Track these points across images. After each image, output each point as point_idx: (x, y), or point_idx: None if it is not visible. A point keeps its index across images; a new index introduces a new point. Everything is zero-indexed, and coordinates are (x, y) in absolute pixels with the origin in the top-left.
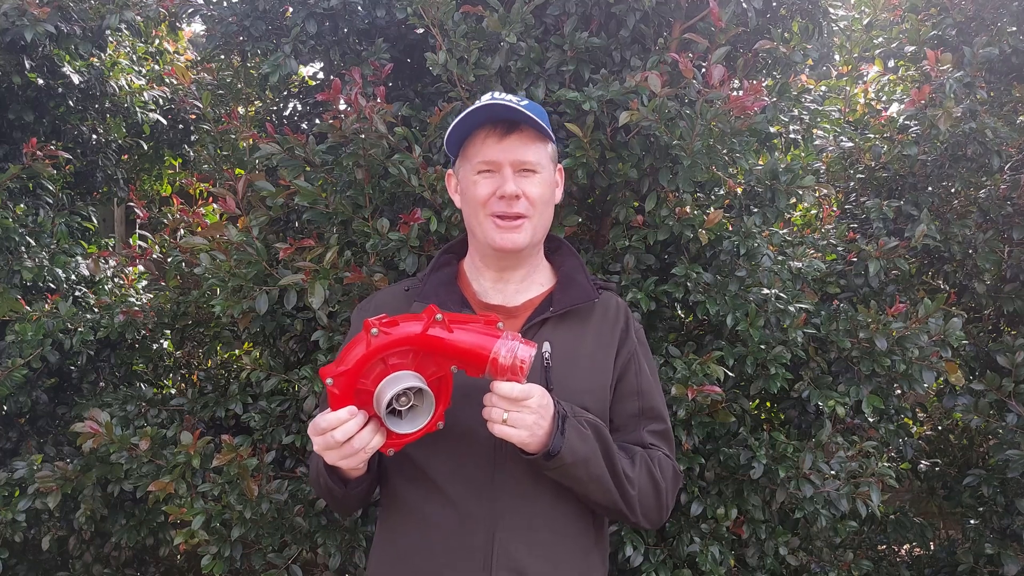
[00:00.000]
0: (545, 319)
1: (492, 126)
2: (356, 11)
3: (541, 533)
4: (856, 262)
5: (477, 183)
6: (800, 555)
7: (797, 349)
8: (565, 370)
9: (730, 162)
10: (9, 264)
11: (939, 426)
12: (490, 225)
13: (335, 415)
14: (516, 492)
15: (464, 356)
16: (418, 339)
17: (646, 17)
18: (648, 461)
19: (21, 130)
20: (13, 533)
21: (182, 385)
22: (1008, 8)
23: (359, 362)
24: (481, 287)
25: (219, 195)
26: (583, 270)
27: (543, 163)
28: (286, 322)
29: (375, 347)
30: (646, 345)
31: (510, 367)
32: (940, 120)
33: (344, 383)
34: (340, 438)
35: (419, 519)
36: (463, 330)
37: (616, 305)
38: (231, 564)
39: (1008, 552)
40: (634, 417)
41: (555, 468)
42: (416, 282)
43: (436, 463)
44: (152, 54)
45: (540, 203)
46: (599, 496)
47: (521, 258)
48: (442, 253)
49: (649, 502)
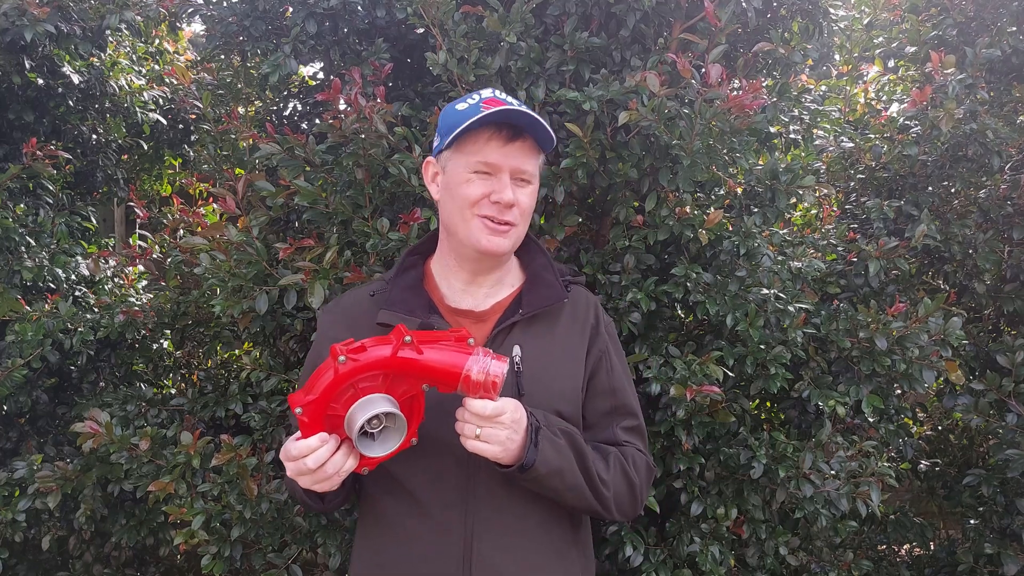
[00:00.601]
0: (514, 323)
1: (497, 128)
2: (356, 11)
3: (518, 539)
4: (856, 262)
5: (471, 182)
6: (800, 555)
7: (797, 349)
8: (536, 374)
9: (730, 162)
10: (9, 264)
11: (939, 426)
12: (478, 225)
13: (306, 443)
14: (492, 501)
15: (436, 375)
16: (388, 362)
17: (646, 17)
18: (622, 460)
19: (21, 130)
20: (13, 533)
21: (182, 385)
22: (1008, 8)
23: (326, 390)
24: (451, 289)
25: (219, 195)
26: (551, 268)
27: (536, 174)
28: (286, 322)
29: (343, 374)
30: (616, 339)
31: (483, 384)
32: (942, 121)
33: (313, 411)
34: (312, 465)
35: (397, 530)
36: (433, 349)
37: (586, 301)
38: (231, 564)
39: (1008, 552)
40: (606, 415)
41: (530, 480)
42: (381, 285)
43: (412, 474)
44: (152, 54)
45: (528, 213)
46: (575, 502)
47: (497, 262)
48: (408, 254)
49: (623, 500)
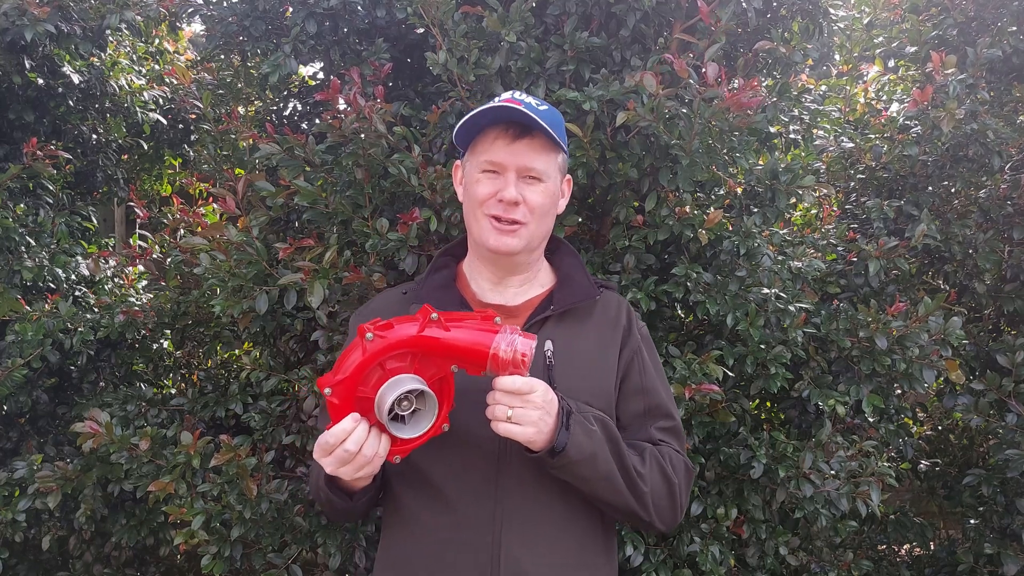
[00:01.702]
0: (546, 318)
1: (505, 127)
2: (356, 11)
3: (546, 537)
4: (856, 262)
5: (480, 181)
6: (800, 555)
7: (797, 349)
8: (568, 368)
9: (730, 162)
10: (9, 264)
11: (939, 426)
12: (487, 225)
13: (340, 427)
14: (520, 495)
15: (463, 354)
16: (415, 341)
17: (646, 17)
18: (659, 457)
19: (21, 130)
20: (13, 533)
21: (182, 385)
22: (1009, 8)
23: (357, 369)
24: (480, 288)
25: (219, 195)
26: (582, 268)
27: (550, 173)
28: (286, 322)
29: (371, 352)
30: (651, 342)
31: (511, 361)
32: (943, 121)
33: (343, 392)
34: (353, 448)
35: (422, 525)
36: (460, 328)
37: (617, 304)
38: (231, 564)
39: (1008, 552)
40: (640, 416)
41: (561, 466)
42: (414, 285)
43: (439, 468)
44: (152, 54)
45: (539, 212)
46: (609, 495)
47: (516, 263)
48: (440, 255)
49: (662, 501)
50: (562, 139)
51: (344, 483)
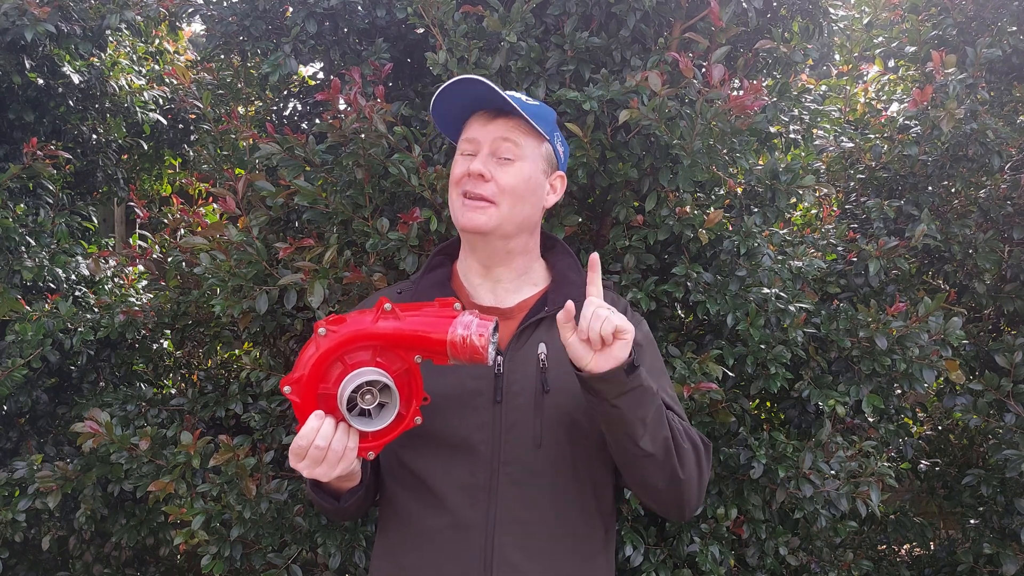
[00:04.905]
0: (540, 319)
1: (486, 111)
2: (356, 11)
3: (541, 539)
4: (856, 262)
5: (457, 162)
6: (800, 555)
7: (797, 349)
8: (561, 371)
9: (730, 162)
10: (9, 264)
11: (939, 426)
12: (458, 203)
13: (307, 427)
14: (515, 498)
15: (421, 343)
16: (368, 333)
17: (646, 17)
18: (684, 424)
19: (21, 130)
20: (13, 533)
21: (182, 385)
22: (1009, 8)
23: (314, 366)
24: (471, 285)
25: (219, 195)
26: (578, 268)
27: (526, 154)
28: (286, 322)
29: (326, 348)
30: (651, 338)
31: (469, 345)
32: (943, 121)
33: (303, 390)
34: (323, 444)
35: (417, 528)
36: (415, 316)
37: (612, 302)
38: (231, 564)
39: (1007, 552)
40: None
41: (631, 389)
42: (409, 284)
43: (433, 471)
44: (152, 54)
45: (512, 194)
46: (654, 444)
47: (494, 250)
48: (435, 254)
49: (691, 467)
50: (548, 131)
51: (328, 485)
